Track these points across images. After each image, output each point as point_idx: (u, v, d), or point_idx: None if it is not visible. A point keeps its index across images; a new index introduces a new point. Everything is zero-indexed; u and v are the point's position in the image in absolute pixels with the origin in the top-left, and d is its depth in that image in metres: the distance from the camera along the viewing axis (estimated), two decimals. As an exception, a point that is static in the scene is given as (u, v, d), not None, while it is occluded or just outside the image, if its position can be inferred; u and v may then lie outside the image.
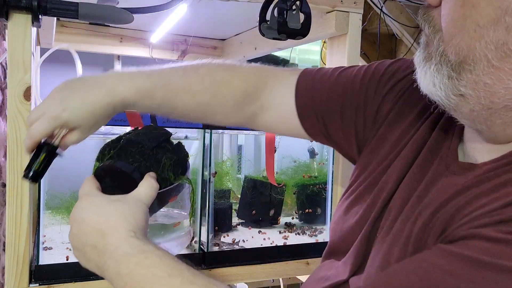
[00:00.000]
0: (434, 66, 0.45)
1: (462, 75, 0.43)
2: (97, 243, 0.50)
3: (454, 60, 0.43)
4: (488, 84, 0.41)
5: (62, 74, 2.16)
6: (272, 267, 1.02)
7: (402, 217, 0.51)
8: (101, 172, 0.59)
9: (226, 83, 0.70)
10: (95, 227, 0.51)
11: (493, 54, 0.40)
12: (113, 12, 0.80)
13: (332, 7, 1.05)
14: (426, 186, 0.51)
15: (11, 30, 0.75)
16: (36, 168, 0.58)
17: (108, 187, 0.58)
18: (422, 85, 0.48)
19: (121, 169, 0.58)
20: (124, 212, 0.52)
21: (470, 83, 0.42)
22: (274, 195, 1.17)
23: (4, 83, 1.11)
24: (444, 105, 0.47)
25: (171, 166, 0.62)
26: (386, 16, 2.52)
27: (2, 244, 0.95)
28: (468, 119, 0.46)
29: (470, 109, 0.44)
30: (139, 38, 1.73)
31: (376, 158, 0.60)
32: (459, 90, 0.43)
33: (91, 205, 0.54)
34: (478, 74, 0.41)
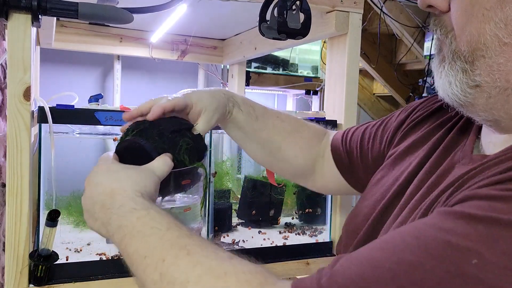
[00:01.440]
0: (448, 65, 0.47)
1: (475, 64, 0.45)
2: (106, 201, 0.53)
3: (467, 51, 0.45)
4: (502, 64, 0.43)
5: (62, 74, 2.17)
6: (272, 267, 1.02)
7: (410, 206, 0.53)
8: (121, 147, 0.62)
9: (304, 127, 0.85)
10: (106, 188, 0.54)
11: (503, 32, 0.41)
12: (113, 12, 0.80)
13: (332, 7, 1.05)
14: (437, 178, 0.53)
15: (11, 30, 0.75)
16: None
17: (126, 160, 0.61)
18: (439, 89, 0.50)
19: (139, 144, 0.61)
20: (135, 177, 0.55)
21: (484, 69, 0.44)
22: (274, 195, 1.17)
23: (4, 83, 1.11)
24: (461, 103, 0.48)
25: (187, 150, 0.64)
26: (386, 16, 2.52)
27: (2, 244, 0.95)
28: (485, 110, 0.47)
29: (487, 97, 0.45)
30: (139, 38, 1.73)
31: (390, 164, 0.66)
32: (474, 81, 0.45)
33: (106, 170, 0.57)
34: (491, 56, 0.43)
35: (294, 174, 0.86)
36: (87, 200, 0.56)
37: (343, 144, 0.79)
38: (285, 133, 0.82)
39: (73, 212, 1.04)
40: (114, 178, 0.55)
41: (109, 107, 0.93)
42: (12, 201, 0.77)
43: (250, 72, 2.93)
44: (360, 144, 0.76)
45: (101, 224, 0.54)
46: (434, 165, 0.56)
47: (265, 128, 0.81)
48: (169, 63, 2.08)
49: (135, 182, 0.55)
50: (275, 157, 0.83)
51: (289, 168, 0.84)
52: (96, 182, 0.56)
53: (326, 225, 1.14)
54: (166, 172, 0.60)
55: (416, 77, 3.07)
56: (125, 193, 0.53)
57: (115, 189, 0.54)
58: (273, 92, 3.49)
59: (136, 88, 2.20)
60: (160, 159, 0.60)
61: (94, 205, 0.55)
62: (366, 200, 0.65)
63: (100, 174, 0.57)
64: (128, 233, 0.49)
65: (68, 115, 0.85)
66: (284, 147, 0.82)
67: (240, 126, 0.80)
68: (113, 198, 0.53)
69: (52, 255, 0.82)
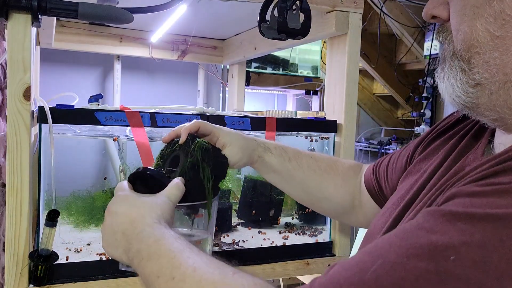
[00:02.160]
0: (448, 66, 0.49)
1: (471, 62, 0.46)
2: (127, 229, 0.57)
3: (463, 49, 0.46)
4: (497, 58, 0.44)
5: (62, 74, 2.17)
6: (272, 267, 1.02)
7: (417, 209, 0.55)
8: (133, 177, 0.66)
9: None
10: (126, 217, 0.58)
11: (493, 26, 0.43)
12: (113, 12, 0.80)
13: (332, 7, 1.05)
14: (446, 181, 0.54)
15: (11, 30, 0.75)
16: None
17: (140, 188, 0.65)
18: (445, 95, 0.51)
19: (149, 174, 0.66)
20: (152, 205, 0.60)
21: (481, 65, 0.45)
22: (274, 195, 1.17)
23: (4, 83, 1.11)
24: (467, 105, 0.49)
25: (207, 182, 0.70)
26: (386, 16, 2.52)
27: (2, 244, 0.95)
28: (490, 108, 0.47)
29: (489, 94, 0.46)
30: (139, 38, 1.73)
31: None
32: (474, 80, 0.46)
33: (124, 200, 0.61)
34: (485, 52, 0.44)
35: (336, 212, 0.88)
36: (108, 229, 0.60)
37: (373, 172, 0.81)
38: (320, 171, 0.84)
39: (73, 212, 1.04)
40: (133, 207, 0.59)
41: (109, 107, 0.93)
42: (12, 201, 0.77)
43: (250, 72, 2.93)
44: (387, 169, 0.78)
45: (123, 251, 0.57)
46: (445, 170, 0.57)
47: (299, 168, 0.83)
48: (169, 63, 2.08)
49: (152, 210, 0.59)
50: (315, 196, 0.85)
51: (330, 206, 0.86)
52: (115, 212, 0.60)
53: (326, 225, 1.14)
54: (180, 196, 0.64)
55: (416, 77, 3.06)
56: (143, 220, 0.57)
57: (134, 217, 0.58)
58: (273, 92, 3.49)
59: (136, 88, 2.20)
60: (172, 185, 0.64)
61: (115, 234, 0.58)
62: (382, 210, 0.67)
63: (119, 204, 0.61)
64: (145, 256, 0.53)
65: (68, 115, 0.85)
66: (322, 185, 0.84)
67: (274, 169, 0.83)
68: (133, 226, 0.57)
69: (52, 255, 0.82)
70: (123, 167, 1.14)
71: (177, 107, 1.05)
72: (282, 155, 0.83)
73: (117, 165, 1.16)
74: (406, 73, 3.25)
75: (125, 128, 0.96)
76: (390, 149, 3.40)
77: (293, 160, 0.84)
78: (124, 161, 1.14)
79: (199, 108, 1.02)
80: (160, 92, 2.25)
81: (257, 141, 0.82)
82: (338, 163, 0.87)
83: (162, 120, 0.92)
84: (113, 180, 1.13)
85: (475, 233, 0.36)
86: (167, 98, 2.25)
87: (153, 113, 0.91)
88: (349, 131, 1.09)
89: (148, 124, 0.91)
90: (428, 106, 2.73)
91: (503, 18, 0.42)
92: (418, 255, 0.37)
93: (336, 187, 0.84)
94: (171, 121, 0.93)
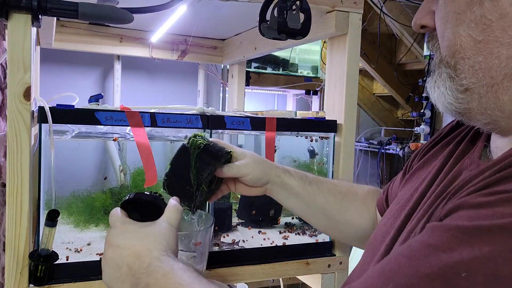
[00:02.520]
0: (437, 74, 0.50)
1: (457, 67, 0.46)
2: (133, 263, 0.55)
3: (448, 55, 0.47)
4: (482, 62, 0.44)
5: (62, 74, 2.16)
6: (272, 267, 1.02)
7: (417, 216, 0.54)
8: (126, 203, 0.64)
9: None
10: (130, 250, 0.56)
11: (475, 31, 0.44)
12: (113, 12, 0.80)
13: (332, 7, 1.05)
14: (444, 187, 0.53)
15: (11, 30, 0.75)
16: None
17: (135, 215, 0.63)
18: (437, 103, 0.52)
19: (145, 200, 0.63)
20: (156, 235, 0.58)
21: (467, 70, 0.46)
22: (274, 195, 1.17)
23: (4, 83, 1.11)
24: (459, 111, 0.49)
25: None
26: (386, 16, 2.52)
27: (2, 244, 0.95)
28: (481, 112, 0.47)
29: (478, 99, 0.46)
30: (139, 38, 1.73)
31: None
32: (462, 85, 0.47)
33: (125, 231, 0.59)
34: (470, 57, 0.45)
35: (358, 236, 0.85)
36: (110, 263, 0.58)
37: (384, 196, 0.80)
38: (341, 195, 0.83)
39: (73, 212, 1.04)
40: (136, 239, 0.58)
41: (109, 107, 0.93)
42: (12, 201, 0.77)
43: (250, 72, 2.93)
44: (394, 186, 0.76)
45: (130, 286, 0.56)
46: (444, 176, 0.57)
47: (320, 192, 0.82)
48: (169, 63, 2.08)
49: (157, 241, 0.57)
50: (336, 220, 0.84)
51: (352, 231, 0.85)
52: (117, 245, 0.58)
53: (326, 225, 1.14)
54: (179, 218, 0.62)
55: (416, 77, 3.07)
56: (151, 254, 0.56)
57: (139, 251, 0.56)
58: (273, 92, 3.49)
59: (136, 88, 2.20)
60: (170, 209, 0.63)
61: (120, 269, 0.56)
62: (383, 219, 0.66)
63: (120, 237, 0.59)
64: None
65: (68, 115, 0.85)
66: (342, 208, 0.83)
67: (295, 192, 0.81)
68: (140, 260, 0.55)
69: (52, 255, 0.82)
70: (123, 167, 1.14)
71: (177, 107, 1.05)
72: (303, 178, 0.82)
73: (117, 165, 1.16)
74: (406, 73, 3.26)
75: (125, 128, 0.96)
76: (390, 149, 3.40)
77: (313, 184, 0.82)
78: (124, 161, 1.14)
79: (199, 108, 1.02)
80: (160, 92, 2.25)
81: (274, 163, 0.82)
82: (357, 188, 0.87)
83: (162, 120, 0.92)
84: (113, 180, 1.13)
85: (484, 246, 0.35)
86: (167, 98, 2.25)
87: (153, 113, 0.91)
88: (349, 131, 1.09)
89: (148, 124, 0.91)
90: (428, 106, 2.73)
91: (484, 22, 0.43)
92: (429, 275, 0.36)
93: (356, 210, 0.83)
94: (171, 121, 0.93)
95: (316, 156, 1.29)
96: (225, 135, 1.36)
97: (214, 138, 0.87)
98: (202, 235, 0.74)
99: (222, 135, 1.18)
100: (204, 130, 0.97)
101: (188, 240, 0.72)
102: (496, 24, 0.42)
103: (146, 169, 0.90)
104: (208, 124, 0.97)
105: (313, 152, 1.28)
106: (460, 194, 0.45)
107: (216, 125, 0.98)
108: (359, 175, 3.78)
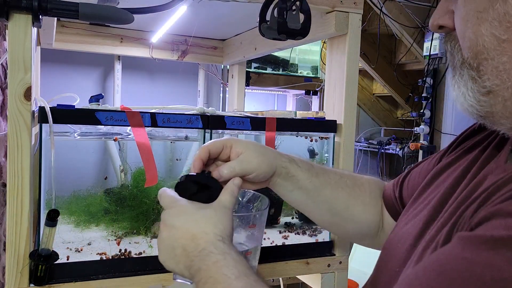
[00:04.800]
0: (458, 75, 0.47)
1: (480, 69, 0.44)
2: (188, 245, 0.55)
3: (470, 56, 0.44)
4: (506, 62, 0.42)
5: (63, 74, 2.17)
6: (272, 267, 1.02)
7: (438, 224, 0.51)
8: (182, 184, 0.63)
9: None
10: (186, 231, 0.56)
11: (499, 30, 0.41)
12: (114, 12, 0.80)
13: (332, 7, 1.05)
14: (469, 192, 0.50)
15: (12, 31, 0.75)
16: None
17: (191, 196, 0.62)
18: (458, 104, 0.49)
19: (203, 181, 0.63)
20: (213, 218, 0.57)
21: (490, 72, 0.43)
22: (274, 195, 1.17)
23: (4, 83, 1.11)
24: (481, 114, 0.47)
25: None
26: (386, 16, 2.52)
27: (2, 244, 0.96)
28: (506, 116, 0.45)
29: (503, 102, 0.44)
30: (139, 38, 1.74)
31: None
32: (485, 87, 0.44)
33: (181, 212, 0.58)
34: (493, 57, 0.42)
35: (361, 234, 0.80)
36: (166, 242, 0.57)
37: (395, 189, 0.75)
38: (348, 189, 0.77)
39: (74, 212, 1.04)
40: (192, 221, 0.57)
41: (109, 107, 0.93)
42: (13, 201, 0.78)
43: (250, 72, 2.93)
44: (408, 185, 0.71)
45: (184, 267, 0.56)
46: (468, 182, 0.53)
47: (328, 185, 0.75)
48: (170, 64, 2.08)
49: (215, 225, 0.56)
50: (342, 216, 0.77)
51: (356, 227, 0.79)
52: (173, 225, 0.57)
53: (326, 225, 1.14)
54: (234, 201, 0.61)
55: (416, 77, 3.07)
56: (206, 237, 0.55)
57: (196, 234, 0.55)
58: (273, 92, 3.49)
59: (137, 88, 2.20)
60: (227, 191, 0.61)
61: (175, 249, 0.56)
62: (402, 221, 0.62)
63: (176, 217, 0.58)
64: (203, 277, 0.52)
65: (69, 115, 0.85)
66: (349, 203, 0.77)
67: (301, 185, 0.73)
68: (195, 242, 0.55)
69: (52, 255, 0.82)
70: (123, 166, 1.15)
71: (178, 107, 1.05)
72: (309, 169, 0.74)
73: (117, 165, 1.16)
74: (406, 73, 3.26)
75: (125, 128, 0.96)
76: (390, 149, 3.40)
77: (320, 175, 0.74)
78: (125, 161, 1.14)
79: (199, 108, 1.02)
80: (160, 92, 2.25)
81: (277, 151, 0.73)
82: (362, 180, 0.80)
83: (163, 120, 0.92)
84: (113, 180, 1.14)
85: None
86: (168, 98, 2.25)
87: (153, 113, 0.92)
88: (349, 131, 1.10)
89: (149, 124, 0.91)
90: (427, 106, 2.73)
91: (507, 20, 0.40)
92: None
93: (364, 206, 0.77)
94: (171, 121, 0.93)
95: (316, 156, 1.29)
96: (225, 135, 1.36)
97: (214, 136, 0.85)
98: (257, 218, 0.70)
99: (222, 135, 1.18)
100: (204, 130, 0.98)
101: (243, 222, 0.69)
102: None
103: (146, 169, 0.90)
104: (208, 124, 0.97)
105: (313, 152, 1.28)
106: (492, 201, 0.41)
107: (216, 125, 0.98)
108: (359, 175, 3.78)
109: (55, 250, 0.82)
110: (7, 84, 0.80)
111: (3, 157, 1.04)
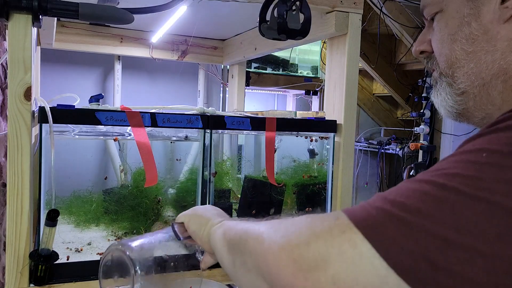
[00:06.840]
0: (438, 85, 0.60)
1: (455, 75, 0.57)
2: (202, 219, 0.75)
3: (446, 67, 0.58)
4: (473, 67, 0.56)
5: (63, 74, 2.16)
6: (272, 267, 1.02)
7: None
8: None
9: None
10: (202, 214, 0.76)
11: (466, 45, 0.56)
12: (114, 12, 0.80)
13: (332, 7, 1.05)
14: None
15: (12, 31, 0.75)
16: None
17: None
18: (440, 108, 0.61)
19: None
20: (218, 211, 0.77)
21: (462, 77, 0.57)
22: (274, 195, 1.17)
23: (4, 83, 1.11)
24: (459, 111, 0.59)
25: None
26: (386, 16, 2.52)
27: (2, 244, 0.96)
28: (478, 109, 0.57)
29: (473, 98, 0.56)
30: (139, 38, 1.74)
31: None
32: (459, 89, 0.57)
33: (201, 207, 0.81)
34: (463, 65, 0.56)
35: None
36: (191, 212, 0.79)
37: None
38: None
39: (74, 211, 1.04)
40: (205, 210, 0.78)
41: (109, 107, 0.93)
42: (13, 201, 0.78)
43: (250, 72, 2.93)
44: None
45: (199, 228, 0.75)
46: None
47: None
48: (170, 63, 2.08)
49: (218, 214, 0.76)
50: None
51: None
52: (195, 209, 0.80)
53: (326, 225, 1.14)
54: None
55: (416, 77, 3.07)
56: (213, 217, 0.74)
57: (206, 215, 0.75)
58: (273, 92, 3.49)
59: (137, 88, 2.20)
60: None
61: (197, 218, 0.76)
62: None
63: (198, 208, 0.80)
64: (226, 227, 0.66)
65: (69, 115, 0.85)
66: None
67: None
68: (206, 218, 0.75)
69: (52, 255, 0.82)
70: (123, 166, 1.15)
71: (178, 107, 1.05)
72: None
73: (117, 164, 1.16)
74: (406, 73, 3.26)
75: (125, 128, 0.96)
76: (390, 149, 3.40)
77: None
78: (125, 161, 1.14)
79: (199, 108, 1.02)
80: (160, 92, 2.25)
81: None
82: None
83: (163, 120, 0.92)
84: (113, 180, 1.14)
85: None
86: (168, 98, 2.25)
87: (153, 113, 0.92)
88: (349, 131, 1.10)
89: (149, 124, 0.91)
90: (427, 106, 2.73)
91: (472, 38, 0.55)
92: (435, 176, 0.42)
93: None
94: (171, 121, 0.93)
95: (316, 156, 1.29)
96: (225, 135, 1.37)
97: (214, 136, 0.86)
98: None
99: (222, 135, 1.18)
100: (204, 130, 0.98)
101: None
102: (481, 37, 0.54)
103: (146, 169, 0.90)
104: (208, 124, 0.97)
105: (313, 152, 1.28)
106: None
107: (216, 125, 0.98)
108: (359, 175, 3.78)
109: (55, 250, 0.82)
110: (7, 84, 0.80)
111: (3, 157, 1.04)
